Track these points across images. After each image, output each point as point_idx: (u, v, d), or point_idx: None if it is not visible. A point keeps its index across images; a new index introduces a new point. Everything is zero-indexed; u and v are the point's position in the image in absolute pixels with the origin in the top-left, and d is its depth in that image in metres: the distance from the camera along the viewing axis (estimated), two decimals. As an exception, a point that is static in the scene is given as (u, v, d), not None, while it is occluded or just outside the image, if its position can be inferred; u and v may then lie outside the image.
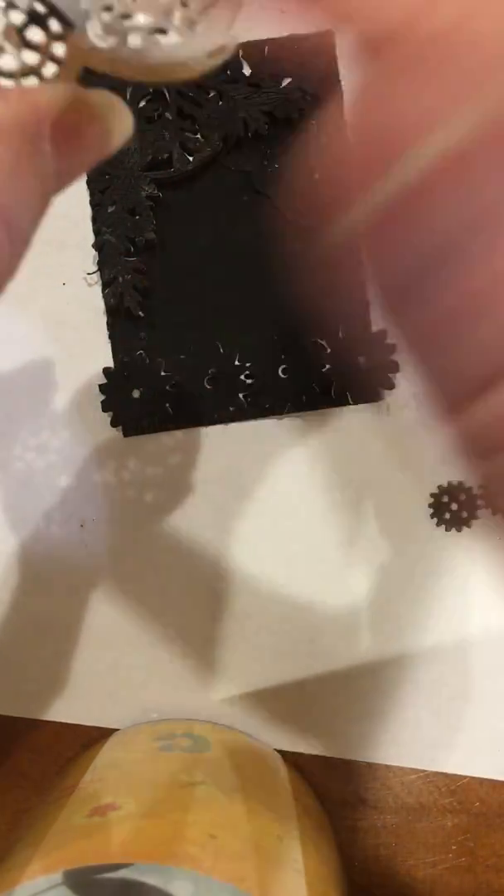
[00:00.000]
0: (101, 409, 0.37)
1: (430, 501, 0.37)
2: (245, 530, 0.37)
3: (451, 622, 0.37)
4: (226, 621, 0.37)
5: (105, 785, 0.31)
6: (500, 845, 0.37)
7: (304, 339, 0.36)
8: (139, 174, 0.36)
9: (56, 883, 0.23)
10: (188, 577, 0.37)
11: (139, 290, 0.36)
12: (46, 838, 0.27)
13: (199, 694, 0.37)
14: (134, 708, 0.38)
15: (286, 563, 0.37)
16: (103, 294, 0.36)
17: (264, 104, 0.35)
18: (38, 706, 0.38)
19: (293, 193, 0.35)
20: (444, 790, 0.37)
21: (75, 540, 0.37)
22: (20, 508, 0.37)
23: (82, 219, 0.36)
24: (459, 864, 0.37)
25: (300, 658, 0.37)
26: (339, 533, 0.37)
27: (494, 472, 0.15)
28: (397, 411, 0.37)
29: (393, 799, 0.37)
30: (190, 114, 0.35)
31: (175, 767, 0.32)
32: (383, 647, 0.37)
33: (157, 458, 0.37)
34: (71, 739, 0.38)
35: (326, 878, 0.30)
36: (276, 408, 0.37)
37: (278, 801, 0.32)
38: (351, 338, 0.36)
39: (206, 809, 0.28)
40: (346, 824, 0.37)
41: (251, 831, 0.28)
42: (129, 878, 0.23)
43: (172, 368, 0.37)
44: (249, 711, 0.37)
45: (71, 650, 0.37)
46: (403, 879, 0.37)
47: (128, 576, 0.37)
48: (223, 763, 0.33)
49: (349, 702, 0.37)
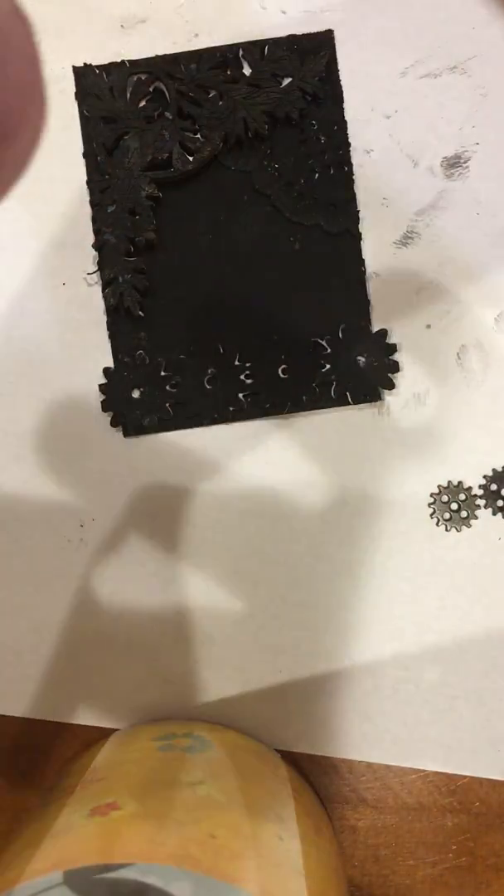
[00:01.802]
0: (101, 409, 0.37)
1: (430, 501, 0.37)
2: (245, 530, 0.37)
3: (451, 622, 0.37)
4: (226, 621, 0.37)
5: (105, 785, 0.31)
6: (500, 845, 0.37)
7: (304, 339, 0.36)
8: (139, 174, 0.36)
9: (56, 883, 0.23)
10: (188, 576, 0.37)
11: (139, 290, 0.36)
12: (46, 838, 0.27)
13: (199, 694, 0.37)
14: (134, 708, 0.38)
15: (286, 563, 0.37)
16: (103, 294, 0.36)
17: (264, 104, 0.35)
18: (38, 706, 0.38)
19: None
20: (444, 790, 0.37)
21: (75, 539, 0.37)
22: (20, 508, 0.37)
23: (82, 219, 0.37)
24: (459, 864, 0.37)
25: (300, 658, 0.37)
26: (339, 533, 0.37)
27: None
28: (397, 411, 0.37)
29: (393, 799, 0.37)
30: (190, 114, 0.35)
31: (175, 767, 0.32)
32: (383, 647, 0.37)
33: (157, 458, 0.37)
34: (71, 739, 0.38)
35: (326, 878, 0.30)
36: (276, 408, 0.37)
37: (278, 802, 0.32)
38: (351, 338, 0.36)
39: (206, 809, 0.28)
40: (346, 824, 0.37)
41: (251, 831, 0.28)
42: (129, 878, 0.23)
43: (172, 368, 0.37)
44: (249, 711, 0.37)
45: (71, 650, 0.37)
46: (403, 879, 0.37)
47: (127, 576, 0.37)
48: (223, 763, 0.33)
49: (349, 702, 0.37)
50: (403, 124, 0.36)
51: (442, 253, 0.36)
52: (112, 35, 0.37)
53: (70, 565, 0.37)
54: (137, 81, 0.36)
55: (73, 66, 0.36)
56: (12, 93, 0.13)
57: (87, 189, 0.36)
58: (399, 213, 0.36)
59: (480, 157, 0.36)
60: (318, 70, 0.36)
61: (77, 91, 0.36)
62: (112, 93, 0.36)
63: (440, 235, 0.36)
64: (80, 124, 0.36)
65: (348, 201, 0.36)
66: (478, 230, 0.36)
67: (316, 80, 0.36)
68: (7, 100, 0.13)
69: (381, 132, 0.36)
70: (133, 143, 0.35)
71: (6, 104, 0.13)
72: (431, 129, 0.36)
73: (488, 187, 0.36)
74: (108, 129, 0.36)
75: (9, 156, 0.14)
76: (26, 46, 0.13)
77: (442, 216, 0.36)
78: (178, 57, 0.36)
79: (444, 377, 0.37)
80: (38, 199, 0.37)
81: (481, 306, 0.36)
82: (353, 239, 0.36)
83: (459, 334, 0.36)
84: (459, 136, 0.36)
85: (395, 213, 0.36)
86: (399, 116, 0.36)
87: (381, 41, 0.36)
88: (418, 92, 0.36)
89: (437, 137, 0.36)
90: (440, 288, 0.37)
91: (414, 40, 0.36)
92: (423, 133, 0.36)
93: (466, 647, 0.36)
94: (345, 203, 0.36)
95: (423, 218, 0.36)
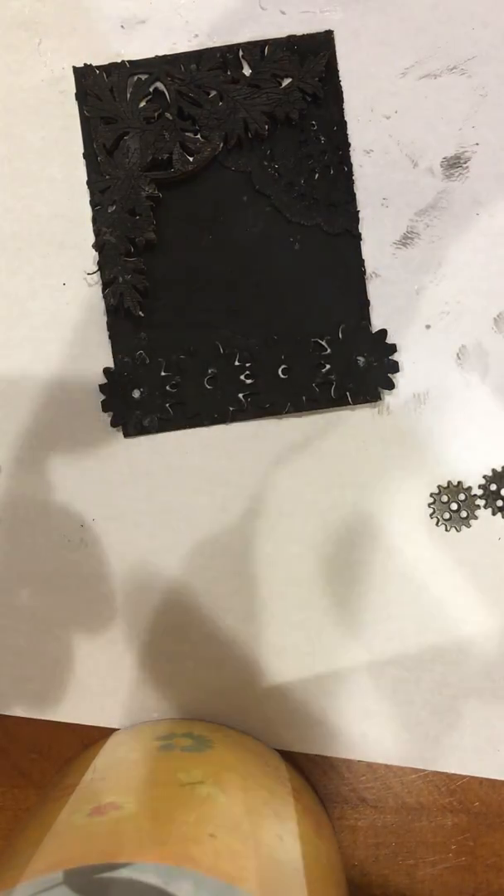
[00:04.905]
0: (101, 409, 0.37)
1: (430, 501, 0.37)
2: (245, 530, 0.37)
3: (450, 622, 0.37)
4: (225, 620, 0.37)
5: (105, 784, 0.31)
6: (500, 845, 0.37)
7: (304, 339, 0.37)
8: (139, 174, 0.36)
9: (56, 882, 0.23)
10: (188, 576, 0.37)
11: (139, 290, 0.36)
12: (46, 838, 0.27)
13: (199, 694, 0.37)
14: (134, 708, 0.38)
15: (286, 563, 0.37)
16: (103, 294, 0.36)
17: (264, 104, 0.35)
18: (38, 706, 0.38)
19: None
20: (444, 790, 0.37)
21: (75, 539, 0.37)
22: (20, 508, 0.37)
23: (82, 219, 0.37)
24: (459, 864, 0.37)
25: (300, 657, 0.37)
26: (339, 533, 0.37)
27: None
28: (397, 411, 0.37)
29: (393, 798, 0.37)
30: (190, 114, 0.35)
31: (175, 767, 0.32)
32: (383, 647, 0.37)
33: (158, 458, 0.37)
34: (71, 739, 0.38)
35: (326, 878, 0.30)
36: (276, 408, 0.37)
37: (278, 801, 0.32)
38: (351, 338, 0.36)
39: (206, 809, 0.28)
40: (346, 824, 0.37)
41: (251, 831, 0.28)
42: (129, 877, 0.23)
43: (172, 368, 0.37)
44: (249, 711, 0.37)
45: (71, 650, 0.37)
46: (403, 879, 0.37)
47: (127, 576, 0.37)
48: (223, 763, 0.33)
49: (349, 702, 0.37)
50: (403, 124, 0.36)
51: (442, 253, 0.36)
52: (112, 35, 0.37)
53: (70, 565, 0.37)
54: (137, 82, 0.36)
55: (74, 67, 0.36)
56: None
57: (87, 189, 0.36)
58: (399, 213, 0.36)
59: (480, 157, 0.36)
60: (318, 70, 0.36)
61: (77, 91, 0.36)
62: (112, 93, 0.36)
63: (440, 235, 0.36)
64: (80, 124, 0.36)
65: (348, 201, 0.36)
66: (478, 230, 0.36)
67: (316, 81, 0.36)
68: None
69: (381, 132, 0.36)
70: (133, 143, 0.35)
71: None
72: (431, 129, 0.36)
73: (488, 187, 0.36)
74: (109, 130, 0.36)
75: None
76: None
77: (442, 216, 0.36)
78: (179, 57, 0.36)
79: (443, 377, 0.37)
80: (38, 199, 0.37)
81: (481, 306, 0.36)
82: (353, 239, 0.36)
83: (459, 334, 0.36)
84: (459, 137, 0.36)
85: (395, 213, 0.36)
86: (399, 116, 0.36)
87: (381, 41, 0.36)
88: (418, 92, 0.36)
89: (437, 137, 0.36)
90: (440, 288, 0.37)
91: (414, 40, 0.36)
92: (423, 133, 0.36)
93: (466, 647, 0.37)
94: (345, 203, 0.36)
95: (423, 218, 0.36)
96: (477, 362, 0.36)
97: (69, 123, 0.37)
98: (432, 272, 0.37)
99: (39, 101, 0.37)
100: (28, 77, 0.37)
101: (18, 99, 0.37)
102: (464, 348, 0.36)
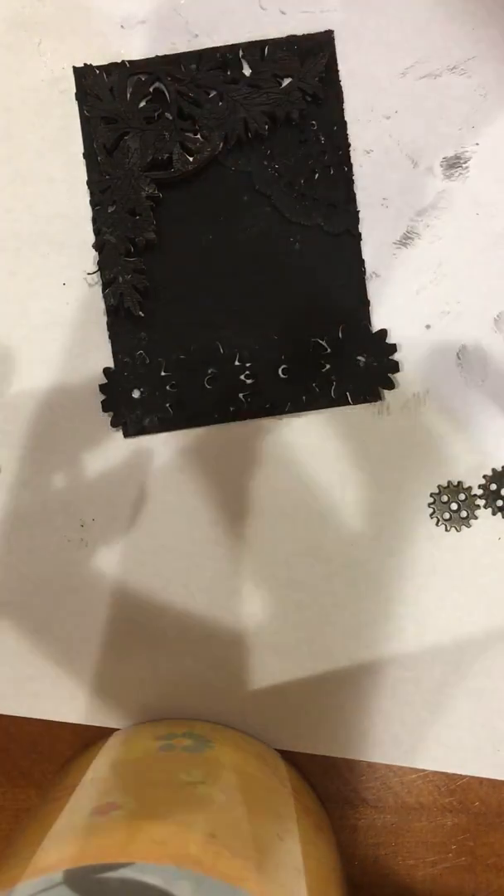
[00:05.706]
0: (101, 409, 0.37)
1: (430, 501, 0.37)
2: (245, 531, 0.37)
3: (451, 622, 0.37)
4: (226, 621, 0.37)
5: (105, 784, 0.31)
6: (500, 845, 0.37)
7: (304, 339, 0.37)
8: (139, 174, 0.36)
9: (56, 882, 0.23)
10: (188, 576, 0.37)
11: (139, 290, 0.36)
12: (46, 838, 0.27)
13: (199, 694, 0.37)
14: (134, 708, 0.38)
15: (286, 563, 0.37)
16: (103, 294, 0.36)
17: (264, 104, 0.35)
18: (38, 706, 0.38)
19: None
20: (443, 790, 0.37)
21: (75, 539, 0.37)
22: (21, 508, 0.37)
23: (82, 219, 0.37)
24: (459, 864, 0.37)
25: (300, 658, 0.37)
26: (339, 533, 0.37)
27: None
28: (397, 411, 0.37)
29: (393, 798, 0.37)
30: (190, 114, 0.35)
31: (175, 767, 0.32)
32: (383, 647, 0.37)
33: (158, 458, 0.37)
34: (71, 739, 0.38)
35: (326, 878, 0.30)
36: (276, 408, 0.37)
37: (278, 801, 0.32)
38: (351, 338, 0.36)
39: (206, 809, 0.28)
40: (346, 824, 0.37)
41: (251, 831, 0.28)
42: (129, 877, 0.23)
43: (172, 368, 0.37)
44: (249, 711, 0.37)
45: (71, 650, 0.37)
46: (403, 879, 0.37)
47: (128, 576, 0.37)
48: (223, 763, 0.33)
49: (349, 702, 0.37)
50: (403, 124, 0.36)
51: (442, 253, 0.36)
52: (112, 35, 0.37)
53: (70, 565, 0.37)
54: (137, 82, 0.36)
55: (74, 67, 0.36)
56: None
57: (87, 189, 0.36)
58: (399, 213, 0.36)
59: (480, 157, 0.36)
60: (317, 70, 0.36)
61: (77, 91, 0.36)
62: (112, 93, 0.36)
63: (440, 235, 0.36)
64: (80, 124, 0.36)
65: (348, 201, 0.36)
66: (478, 230, 0.36)
67: (316, 81, 0.36)
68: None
69: (381, 132, 0.36)
70: (133, 143, 0.35)
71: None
72: (431, 129, 0.36)
73: (488, 187, 0.36)
74: (109, 130, 0.36)
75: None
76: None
77: (442, 216, 0.36)
78: (179, 57, 0.36)
79: (444, 377, 0.37)
80: (39, 199, 0.37)
81: (481, 306, 0.36)
82: (353, 239, 0.36)
83: (459, 334, 0.36)
84: (459, 137, 0.36)
85: (395, 213, 0.36)
86: (399, 116, 0.36)
87: (381, 41, 0.36)
88: (418, 92, 0.36)
89: (437, 137, 0.36)
90: (440, 288, 0.37)
91: (414, 40, 0.36)
92: (423, 133, 0.36)
93: (466, 647, 0.37)
94: (345, 203, 0.36)
95: (423, 218, 0.36)
96: (477, 362, 0.36)
97: (69, 123, 0.37)
98: (432, 272, 0.37)
99: (39, 101, 0.37)
100: (28, 77, 0.37)
101: (18, 99, 0.37)
102: (464, 348, 0.36)
